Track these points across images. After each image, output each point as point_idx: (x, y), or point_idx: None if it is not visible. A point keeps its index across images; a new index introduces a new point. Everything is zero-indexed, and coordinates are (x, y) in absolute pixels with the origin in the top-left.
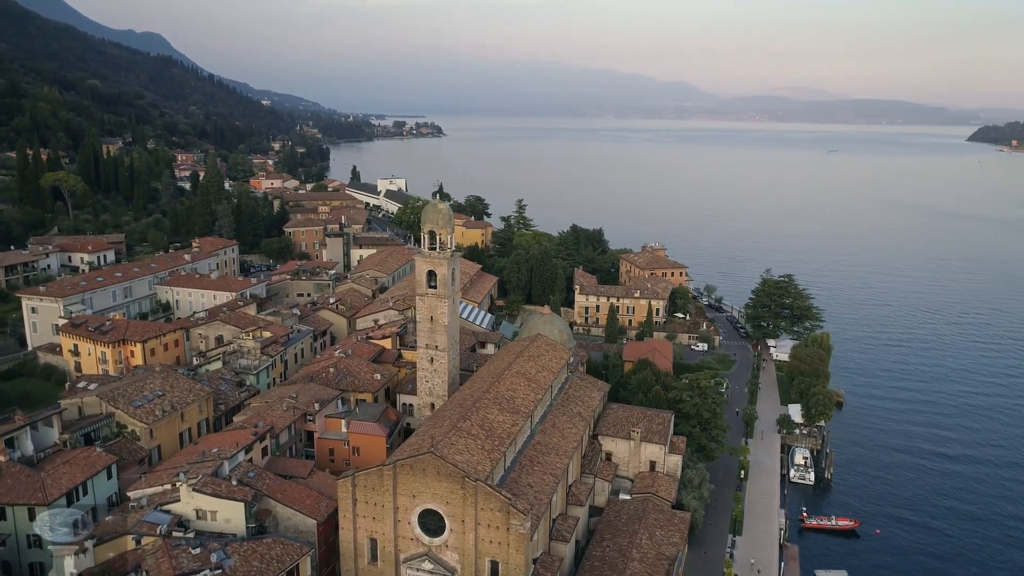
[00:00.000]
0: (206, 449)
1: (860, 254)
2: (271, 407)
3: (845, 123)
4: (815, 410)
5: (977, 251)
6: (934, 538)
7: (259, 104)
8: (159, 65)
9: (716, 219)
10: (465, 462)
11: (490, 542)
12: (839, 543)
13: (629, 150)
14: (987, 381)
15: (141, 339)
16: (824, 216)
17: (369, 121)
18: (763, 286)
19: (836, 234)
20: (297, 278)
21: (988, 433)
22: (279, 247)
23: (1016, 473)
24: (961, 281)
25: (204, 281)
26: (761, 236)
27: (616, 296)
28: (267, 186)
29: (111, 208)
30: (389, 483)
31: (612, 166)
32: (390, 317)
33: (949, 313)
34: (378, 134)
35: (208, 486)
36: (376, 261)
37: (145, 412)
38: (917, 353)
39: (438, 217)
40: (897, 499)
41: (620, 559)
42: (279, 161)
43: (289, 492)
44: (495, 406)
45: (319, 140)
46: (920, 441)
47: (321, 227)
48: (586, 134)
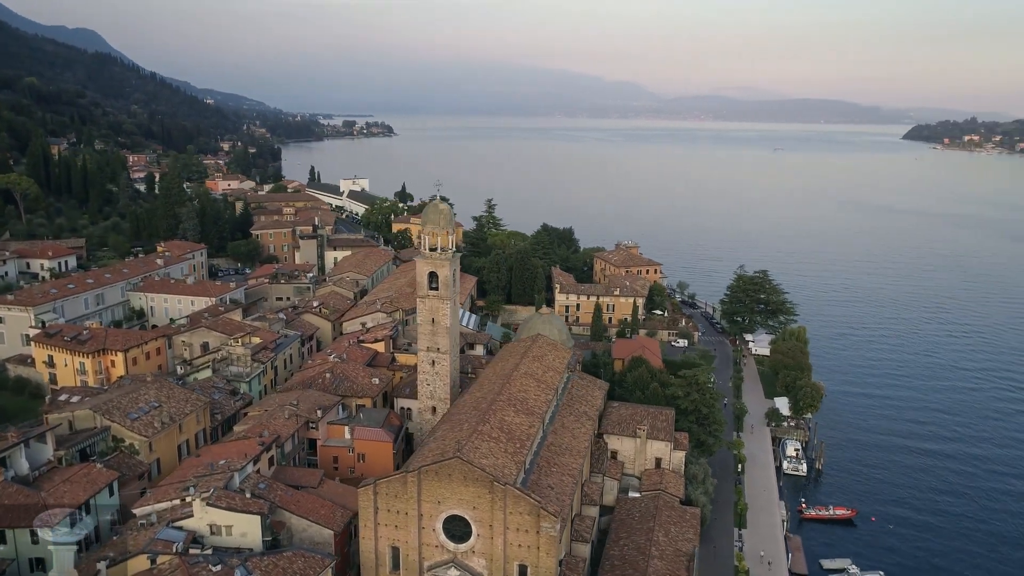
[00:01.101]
0: (212, 461)
1: (822, 250)
2: (272, 415)
3: (787, 122)
4: (803, 402)
5: (930, 245)
6: (926, 522)
7: (204, 103)
8: (97, 62)
9: (679, 217)
10: (491, 466)
11: (519, 546)
12: (838, 532)
13: (584, 149)
14: (954, 368)
15: (123, 348)
16: (781, 213)
17: (317, 121)
18: (738, 282)
19: (797, 231)
20: (276, 282)
21: (962, 417)
22: (247, 250)
23: (993, 452)
24: (920, 274)
25: (180, 286)
26: (724, 233)
27: (596, 294)
28: (223, 187)
29: (65, 212)
30: (413, 490)
31: (570, 165)
32: (378, 320)
33: (913, 305)
34: (328, 134)
35: (222, 500)
36: (353, 263)
37: (143, 424)
38: (886, 344)
39: (439, 218)
40: (887, 486)
41: (640, 557)
42: (230, 162)
43: (302, 503)
44: (510, 408)
45: (269, 140)
46: (901, 429)
47: (289, 229)
48: (538, 133)
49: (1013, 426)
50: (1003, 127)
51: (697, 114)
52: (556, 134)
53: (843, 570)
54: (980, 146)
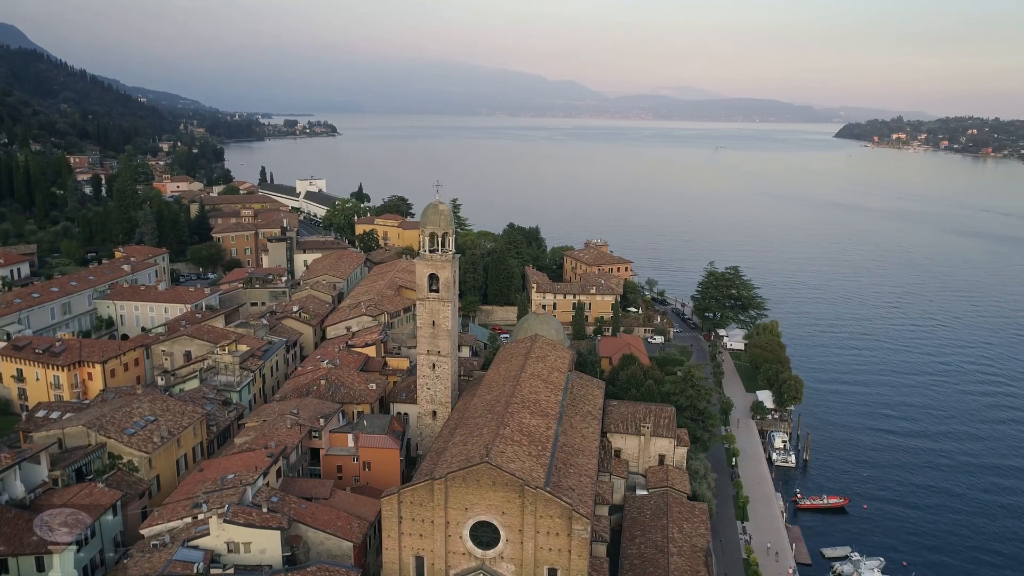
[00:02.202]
0: (221, 475)
1: (778, 247)
2: (273, 426)
3: (725, 121)
4: (787, 395)
5: (878, 240)
6: (915, 506)
7: (138, 102)
8: (22, 59)
9: (638, 215)
10: (519, 469)
11: (549, 550)
12: (833, 520)
13: (533, 148)
14: (917, 357)
15: (101, 360)
16: (735, 210)
17: (257, 120)
18: (709, 278)
19: (752, 228)
20: (250, 286)
21: (932, 403)
22: (208, 254)
23: (965, 433)
24: (873, 268)
25: (151, 293)
26: (682, 230)
27: (573, 293)
28: (172, 190)
29: (10, 217)
30: (440, 497)
31: (523, 164)
32: (363, 323)
33: (870, 298)
34: (269, 133)
35: (239, 515)
36: (326, 266)
37: (142, 440)
38: (850, 336)
39: (439, 218)
40: (874, 473)
41: (659, 555)
42: (172, 163)
43: (318, 515)
44: (525, 410)
45: (209, 140)
46: (877, 417)
47: (252, 232)
48: (485, 133)
49: (978, 407)
50: (927, 125)
51: (638, 113)
52: (503, 133)
53: (845, 557)
54: (907, 144)
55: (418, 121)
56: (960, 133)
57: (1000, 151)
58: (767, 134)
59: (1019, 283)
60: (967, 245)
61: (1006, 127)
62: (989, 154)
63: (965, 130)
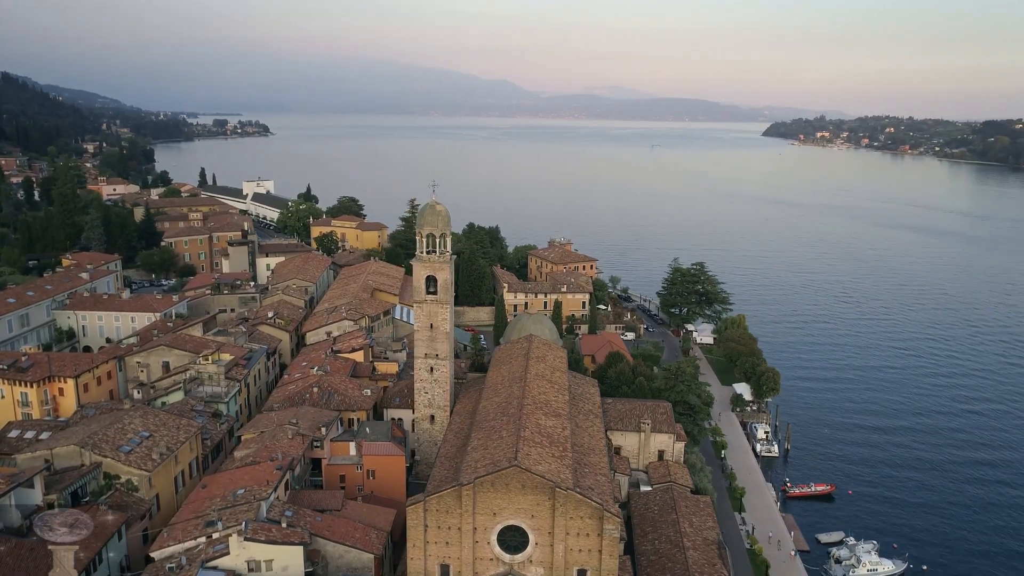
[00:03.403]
0: (231, 491)
1: (730, 241)
2: (274, 436)
3: (657, 120)
4: (766, 387)
5: (820, 234)
6: (895, 490)
7: (56, 101)
8: None
9: (589, 213)
10: (547, 471)
11: (579, 551)
12: (822, 507)
13: (473, 147)
14: (879, 345)
15: (73, 374)
16: (682, 207)
17: (184, 119)
18: (674, 274)
19: (702, 224)
20: (218, 292)
21: (897, 388)
22: (160, 260)
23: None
24: (820, 262)
25: (115, 302)
26: (634, 228)
27: (544, 292)
28: (109, 193)
29: None
30: (469, 503)
31: (467, 164)
32: (344, 328)
33: (822, 290)
34: (198, 133)
35: (259, 532)
36: (293, 269)
37: (140, 458)
38: (812, 327)
39: (437, 219)
40: (854, 460)
41: (675, 550)
42: (101, 164)
43: (335, 527)
44: (539, 411)
45: (137, 141)
46: (850, 404)
47: (206, 236)
48: (422, 132)
49: (939, 388)
50: (848, 124)
51: (572, 112)
52: (440, 132)
53: (840, 542)
54: (831, 142)
55: (352, 120)
56: (879, 131)
57: (916, 148)
58: (698, 133)
59: (954, 272)
60: (903, 237)
61: (920, 125)
62: (907, 151)
63: (883, 128)
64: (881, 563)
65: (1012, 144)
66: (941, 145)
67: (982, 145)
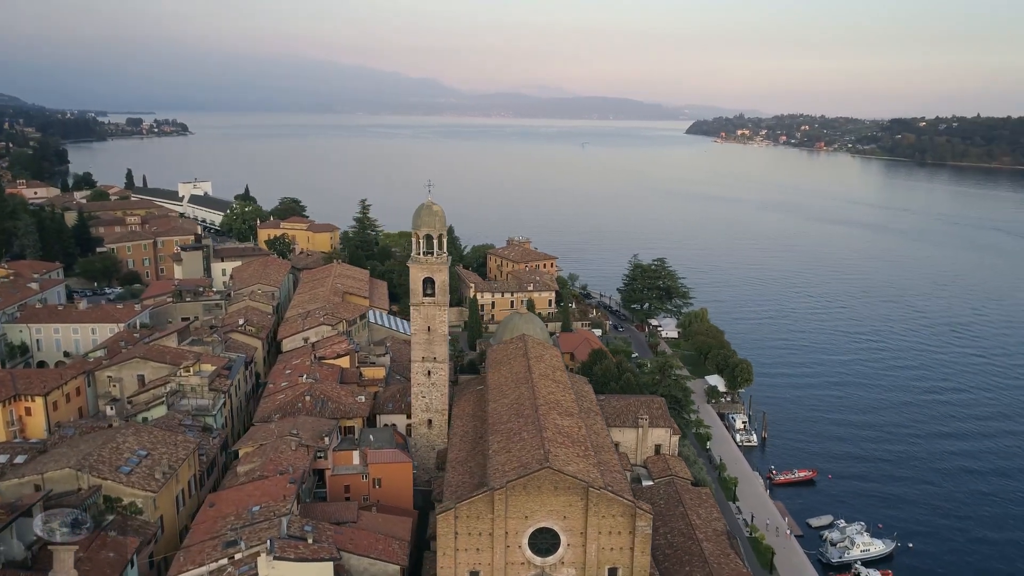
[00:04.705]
0: (238, 509)
1: (675, 238)
2: (276, 449)
3: (583, 118)
4: (740, 378)
5: (759, 228)
6: (874, 471)
7: None
8: None
9: (537, 212)
10: (578, 471)
11: (610, 549)
12: (806, 492)
13: (404, 146)
14: (841, 334)
15: (42, 392)
16: (623, 204)
17: (94, 118)
18: (634, 270)
19: (647, 221)
20: (180, 300)
21: (863, 374)
22: (102, 267)
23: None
24: (765, 256)
25: (72, 314)
26: (581, 225)
27: (511, 291)
28: (31, 196)
29: None
30: (501, 508)
31: (400, 163)
32: (323, 333)
33: (770, 283)
34: (111, 133)
35: (288, 550)
36: (254, 274)
37: (142, 478)
38: (771, 319)
39: (433, 220)
40: (830, 444)
41: (690, 543)
42: (11, 166)
43: (357, 540)
44: (553, 411)
45: (48, 141)
46: (819, 391)
47: (150, 240)
48: (348, 131)
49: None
50: (766, 122)
51: (498, 111)
52: (366, 131)
53: (830, 525)
54: (751, 139)
55: (274, 119)
56: (795, 129)
57: (831, 145)
58: (624, 131)
59: (891, 264)
60: (838, 231)
61: (832, 123)
62: (822, 148)
63: (799, 126)
64: (873, 543)
65: (918, 141)
66: (853, 142)
67: (890, 142)
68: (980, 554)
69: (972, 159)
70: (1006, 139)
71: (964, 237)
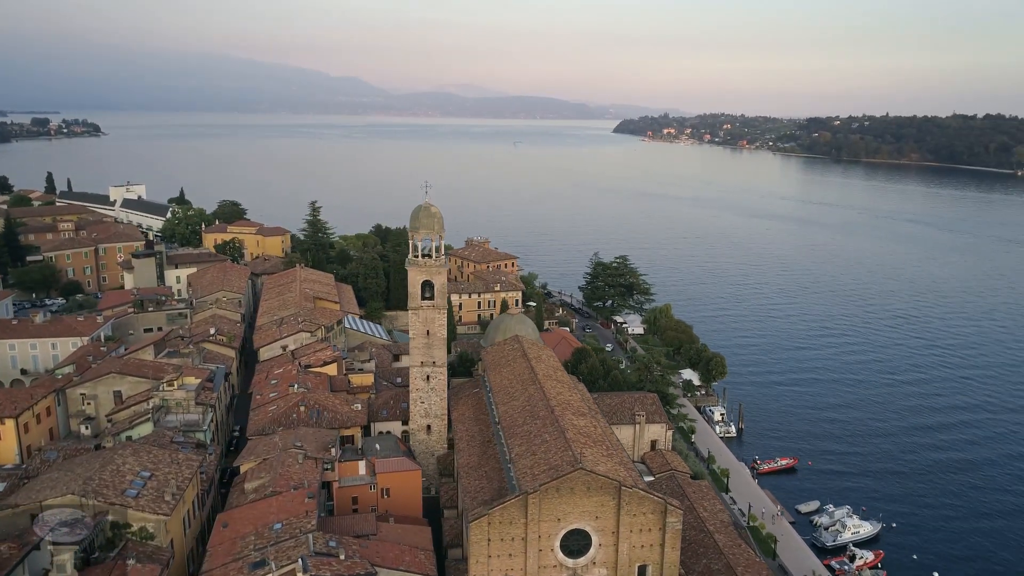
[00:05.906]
0: (256, 528)
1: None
2: (283, 462)
3: (510, 118)
4: (715, 371)
5: (698, 225)
6: (851, 455)
7: None
8: None
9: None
10: (609, 471)
11: (641, 547)
12: (789, 480)
13: (333, 146)
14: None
15: (13, 413)
16: (562, 203)
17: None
18: (596, 268)
19: (591, 219)
20: (142, 310)
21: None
22: (40, 277)
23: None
24: (716, 250)
25: (28, 328)
26: (529, 225)
27: (478, 292)
28: None
29: None
30: (535, 511)
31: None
32: (302, 340)
33: (722, 277)
34: (15, 134)
35: (323, 568)
36: (213, 281)
37: (151, 501)
38: (730, 311)
39: (432, 222)
40: (805, 431)
41: (701, 535)
42: None
43: (384, 553)
44: (568, 412)
45: None
46: (788, 380)
47: (91, 248)
48: (272, 131)
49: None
50: (690, 121)
51: (425, 110)
52: (293, 131)
53: (818, 510)
54: (677, 138)
55: (192, 119)
56: (718, 128)
57: (753, 143)
58: (553, 130)
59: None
60: (773, 226)
61: (752, 122)
62: (744, 146)
63: (721, 125)
64: (862, 525)
65: (833, 139)
66: (774, 140)
67: (808, 140)
68: (957, 530)
69: (884, 156)
70: (913, 137)
71: (886, 229)
